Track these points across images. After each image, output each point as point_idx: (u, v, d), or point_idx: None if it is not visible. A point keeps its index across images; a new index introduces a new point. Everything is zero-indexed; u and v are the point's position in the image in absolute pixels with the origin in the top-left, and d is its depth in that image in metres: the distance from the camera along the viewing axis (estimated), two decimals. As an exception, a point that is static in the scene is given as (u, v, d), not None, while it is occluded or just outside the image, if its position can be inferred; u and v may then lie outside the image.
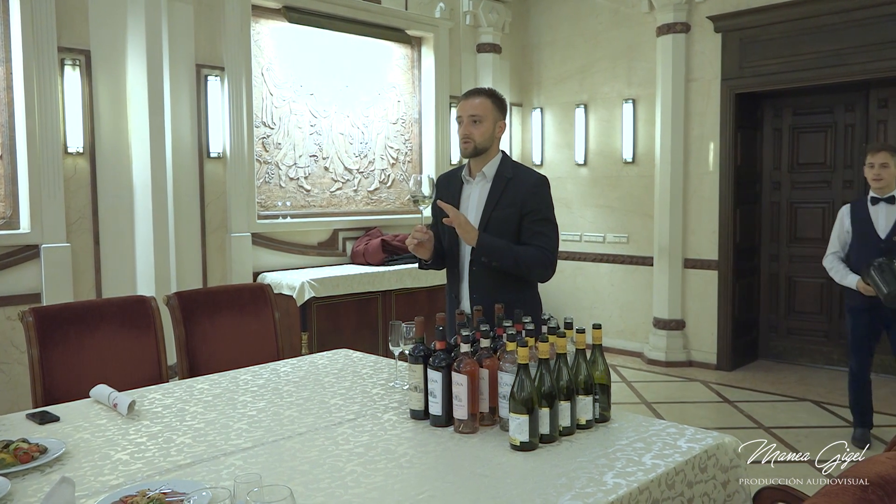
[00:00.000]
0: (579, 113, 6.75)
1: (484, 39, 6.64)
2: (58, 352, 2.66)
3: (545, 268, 2.60)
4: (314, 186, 5.64)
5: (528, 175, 2.69)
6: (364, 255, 5.55)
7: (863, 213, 4.09)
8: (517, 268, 2.58)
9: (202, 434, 1.99)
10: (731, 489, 1.85)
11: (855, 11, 5.19)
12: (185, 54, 4.67)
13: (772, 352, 6.29)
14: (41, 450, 1.80)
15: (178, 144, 4.63)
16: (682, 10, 5.93)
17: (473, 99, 2.64)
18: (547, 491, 1.56)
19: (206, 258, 4.87)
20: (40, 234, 4.17)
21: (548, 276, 2.65)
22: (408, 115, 6.31)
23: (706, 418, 4.76)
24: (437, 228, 2.73)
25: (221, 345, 3.05)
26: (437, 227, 2.73)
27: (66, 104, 4.24)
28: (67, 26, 4.27)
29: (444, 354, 1.98)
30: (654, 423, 2.02)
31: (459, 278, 2.72)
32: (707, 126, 5.97)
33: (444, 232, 2.70)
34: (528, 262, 2.57)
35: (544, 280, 2.68)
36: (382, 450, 1.83)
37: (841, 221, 4.21)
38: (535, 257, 2.57)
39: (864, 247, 4.03)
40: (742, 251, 6.08)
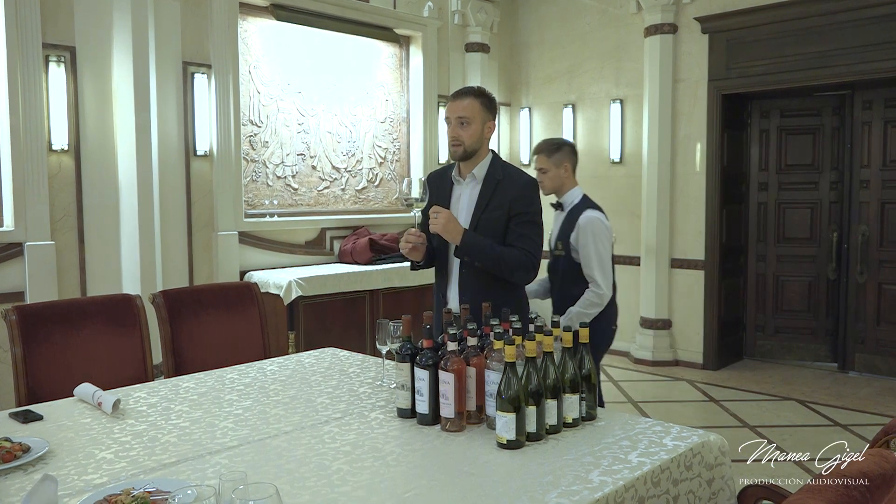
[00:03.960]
0: (567, 113, 6.77)
1: (472, 39, 6.64)
2: (42, 350, 2.63)
3: (526, 271, 2.61)
4: (301, 185, 5.62)
5: (517, 177, 2.69)
6: (352, 254, 5.53)
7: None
8: (498, 268, 2.58)
9: (187, 433, 1.98)
10: (716, 487, 1.86)
11: (840, 14, 5.24)
12: (172, 51, 4.64)
13: (758, 351, 6.34)
14: (24, 449, 1.78)
15: (164, 142, 4.59)
16: (670, 11, 5.96)
17: (461, 100, 2.61)
18: (533, 489, 1.56)
19: (192, 257, 4.85)
20: (24, 232, 4.13)
21: (529, 279, 2.67)
22: (396, 115, 6.30)
23: (692, 417, 4.78)
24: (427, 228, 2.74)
25: (207, 344, 3.04)
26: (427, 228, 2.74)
27: (51, 101, 4.20)
28: (52, 22, 4.23)
29: (431, 353, 1.98)
30: (641, 421, 2.02)
31: (448, 279, 2.72)
32: (694, 127, 6.00)
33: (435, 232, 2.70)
34: (509, 263, 2.57)
35: (525, 282, 2.70)
36: (369, 448, 1.83)
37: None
38: (518, 259, 2.57)
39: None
40: (728, 251, 6.12)
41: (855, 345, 5.80)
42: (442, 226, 2.52)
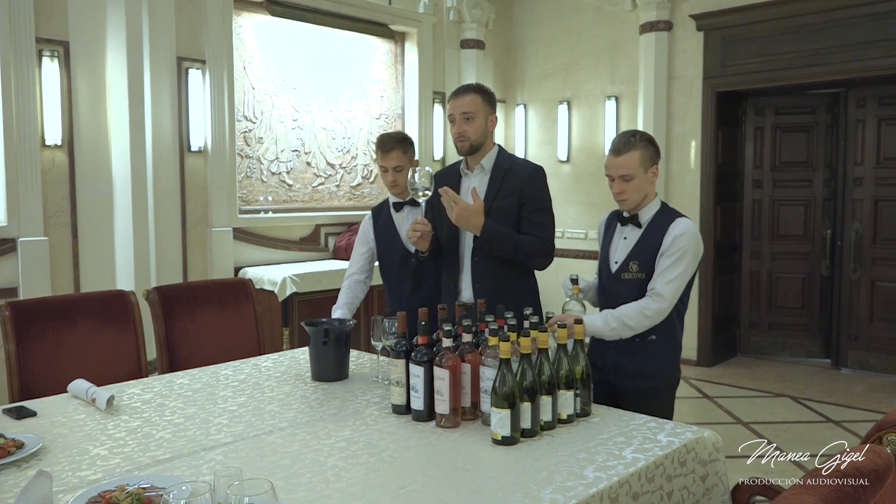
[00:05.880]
0: (562, 110, 6.77)
1: (468, 35, 6.63)
2: (35, 346, 2.62)
3: (544, 256, 2.66)
4: (296, 181, 5.61)
5: (525, 165, 2.76)
6: (346, 250, 5.52)
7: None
8: (517, 255, 2.63)
9: (182, 429, 1.98)
10: (710, 483, 1.87)
11: (835, 11, 5.24)
12: (166, 46, 4.62)
13: (752, 348, 6.36)
14: (18, 445, 1.78)
15: (158, 138, 4.57)
16: (665, 9, 5.96)
17: (464, 97, 2.67)
18: (528, 485, 1.56)
19: (186, 252, 4.83)
20: (17, 228, 4.11)
21: (546, 265, 2.71)
22: (391, 111, 6.29)
23: (686, 413, 4.79)
24: (435, 220, 2.74)
25: (202, 340, 3.03)
26: (435, 219, 2.74)
27: (45, 96, 4.18)
28: (46, 17, 4.20)
29: (426, 349, 1.98)
30: (635, 417, 2.03)
31: (459, 269, 2.73)
32: (689, 124, 6.01)
33: (443, 222, 2.70)
34: (528, 250, 2.62)
35: (542, 268, 2.73)
36: (364, 444, 1.83)
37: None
38: (535, 246, 2.62)
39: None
40: (723, 248, 6.13)
41: (848, 341, 5.82)
42: (459, 216, 2.52)
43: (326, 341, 2.43)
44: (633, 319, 2.31)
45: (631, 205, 2.43)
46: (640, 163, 2.36)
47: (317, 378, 2.46)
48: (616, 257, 2.48)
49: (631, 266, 2.41)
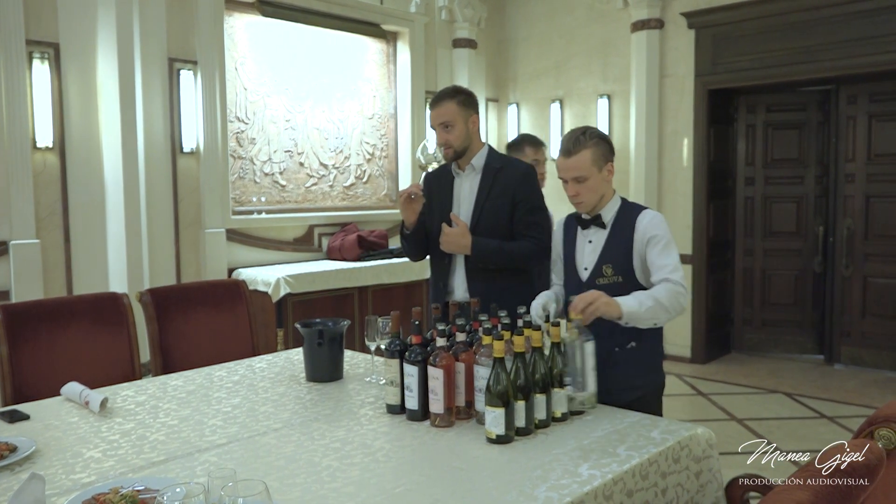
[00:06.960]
0: (555, 108, 6.78)
1: (459, 34, 6.63)
2: (28, 349, 2.61)
3: (539, 258, 2.68)
4: (289, 182, 5.60)
5: (516, 165, 2.76)
6: (340, 250, 5.52)
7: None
8: (511, 264, 2.66)
9: (176, 431, 1.97)
10: (704, 479, 1.87)
11: (825, 9, 5.26)
12: (157, 47, 4.61)
13: (745, 344, 6.38)
14: (11, 448, 1.77)
15: (150, 139, 4.56)
16: (656, 7, 5.98)
17: (439, 107, 2.68)
18: (523, 483, 1.57)
19: (179, 254, 4.82)
20: (9, 231, 4.09)
21: (542, 264, 2.72)
22: (384, 111, 6.28)
23: (680, 410, 4.81)
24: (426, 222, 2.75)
25: (195, 342, 3.02)
26: (426, 221, 2.75)
27: (35, 98, 4.16)
28: (36, 18, 4.18)
29: (420, 349, 1.98)
30: (629, 414, 2.03)
31: (449, 270, 2.74)
32: (681, 122, 6.03)
33: (433, 224, 2.71)
34: (522, 256, 2.64)
35: (538, 267, 2.76)
36: (359, 444, 1.83)
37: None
38: (530, 249, 2.64)
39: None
40: (715, 245, 6.15)
41: (841, 337, 5.85)
42: (445, 242, 2.62)
43: (321, 342, 2.43)
44: (667, 298, 2.07)
45: (588, 207, 2.27)
46: (593, 162, 2.20)
47: (311, 379, 2.46)
48: (585, 263, 2.31)
49: (605, 270, 2.24)
